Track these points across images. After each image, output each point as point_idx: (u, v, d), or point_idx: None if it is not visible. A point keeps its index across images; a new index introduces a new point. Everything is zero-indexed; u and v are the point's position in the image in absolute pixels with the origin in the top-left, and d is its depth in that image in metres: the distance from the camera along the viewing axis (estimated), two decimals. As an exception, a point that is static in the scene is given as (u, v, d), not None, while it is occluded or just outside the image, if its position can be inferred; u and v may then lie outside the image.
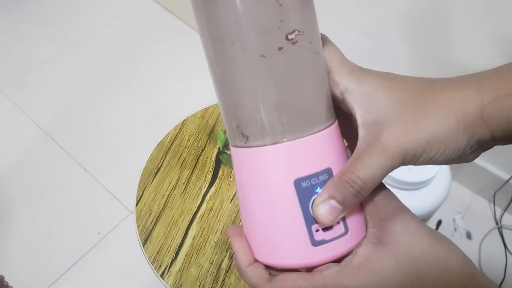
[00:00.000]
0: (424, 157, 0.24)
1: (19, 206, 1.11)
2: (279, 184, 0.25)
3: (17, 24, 1.52)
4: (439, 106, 0.24)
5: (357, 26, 1.01)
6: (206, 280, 0.47)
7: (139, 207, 0.53)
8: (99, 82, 1.36)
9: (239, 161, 0.27)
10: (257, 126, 0.25)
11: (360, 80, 0.25)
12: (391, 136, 0.24)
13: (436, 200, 0.82)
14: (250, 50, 0.24)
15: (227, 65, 0.25)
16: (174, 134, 0.60)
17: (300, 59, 0.25)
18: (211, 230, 0.51)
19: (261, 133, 0.25)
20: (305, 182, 0.25)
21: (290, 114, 0.25)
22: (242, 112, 0.25)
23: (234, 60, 0.24)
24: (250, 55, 0.24)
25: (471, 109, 0.23)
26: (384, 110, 0.24)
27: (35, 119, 1.27)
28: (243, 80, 0.25)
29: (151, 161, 0.58)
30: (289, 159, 0.25)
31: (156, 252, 0.49)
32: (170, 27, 1.49)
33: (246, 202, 0.27)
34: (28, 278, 1.00)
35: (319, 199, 0.24)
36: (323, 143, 0.25)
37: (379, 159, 0.24)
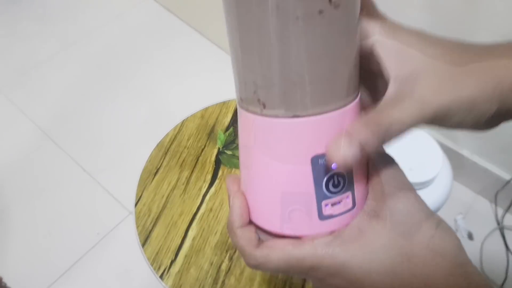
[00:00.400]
0: (455, 118, 0.23)
1: (18, 206, 1.11)
2: (295, 158, 0.24)
3: (16, 24, 1.51)
4: (476, 69, 0.23)
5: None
6: (205, 281, 0.47)
7: (139, 208, 0.53)
8: (99, 82, 1.35)
9: (250, 127, 0.25)
10: (279, 96, 0.23)
11: (394, 33, 0.24)
12: (426, 88, 0.22)
13: (437, 200, 0.81)
14: (285, 10, 0.21)
15: (254, 26, 0.22)
16: (174, 134, 0.60)
17: (339, 27, 0.22)
18: (211, 231, 0.51)
19: (283, 104, 0.23)
20: (322, 159, 0.23)
21: (318, 86, 0.23)
22: (264, 80, 0.23)
23: (264, 20, 0.21)
24: (284, 16, 0.21)
25: (507, 77, 0.23)
26: (419, 64, 0.23)
27: (34, 119, 1.27)
28: (272, 46, 0.22)
29: (150, 161, 0.57)
30: (310, 135, 0.23)
31: (155, 253, 0.49)
32: (170, 27, 1.48)
33: (253, 167, 0.25)
34: (27, 278, 1.00)
35: (341, 137, 0.22)
36: (345, 119, 0.24)
37: (410, 107, 0.23)
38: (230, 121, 0.61)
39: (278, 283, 0.47)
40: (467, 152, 1.05)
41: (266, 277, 0.47)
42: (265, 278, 0.47)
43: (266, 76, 0.23)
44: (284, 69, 0.22)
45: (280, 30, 0.21)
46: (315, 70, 0.22)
